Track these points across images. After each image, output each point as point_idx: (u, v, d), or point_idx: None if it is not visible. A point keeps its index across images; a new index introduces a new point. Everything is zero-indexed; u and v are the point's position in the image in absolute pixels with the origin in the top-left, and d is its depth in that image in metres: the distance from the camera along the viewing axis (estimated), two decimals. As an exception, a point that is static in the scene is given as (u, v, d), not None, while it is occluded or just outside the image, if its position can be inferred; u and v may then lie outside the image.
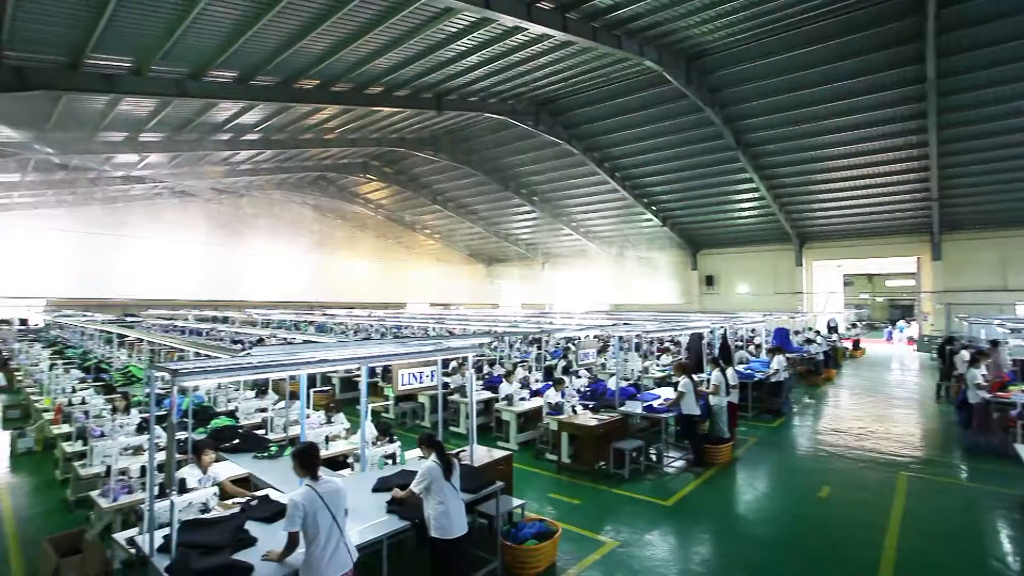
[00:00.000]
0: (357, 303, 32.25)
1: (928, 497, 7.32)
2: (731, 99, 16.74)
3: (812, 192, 21.14)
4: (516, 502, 5.91)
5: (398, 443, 6.54)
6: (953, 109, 15.08)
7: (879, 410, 12.69)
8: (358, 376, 8.90)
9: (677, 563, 5.54)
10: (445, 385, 11.04)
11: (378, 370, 13.38)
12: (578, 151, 20.57)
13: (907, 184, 19.16)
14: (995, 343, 11.09)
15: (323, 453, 6.96)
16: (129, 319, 19.69)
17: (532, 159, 23.39)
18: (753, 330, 17.61)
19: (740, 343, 16.22)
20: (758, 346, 16.18)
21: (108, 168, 20.37)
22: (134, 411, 7.76)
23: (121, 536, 4.40)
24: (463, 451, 6.10)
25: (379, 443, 6.47)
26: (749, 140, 18.45)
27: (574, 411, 8.75)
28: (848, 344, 22.75)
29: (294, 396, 7.54)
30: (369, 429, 6.42)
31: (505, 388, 10.17)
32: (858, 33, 13.40)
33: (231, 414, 8.40)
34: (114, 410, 7.78)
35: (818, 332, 21.49)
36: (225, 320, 21.98)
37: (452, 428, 10.65)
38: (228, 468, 5.97)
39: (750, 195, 22.03)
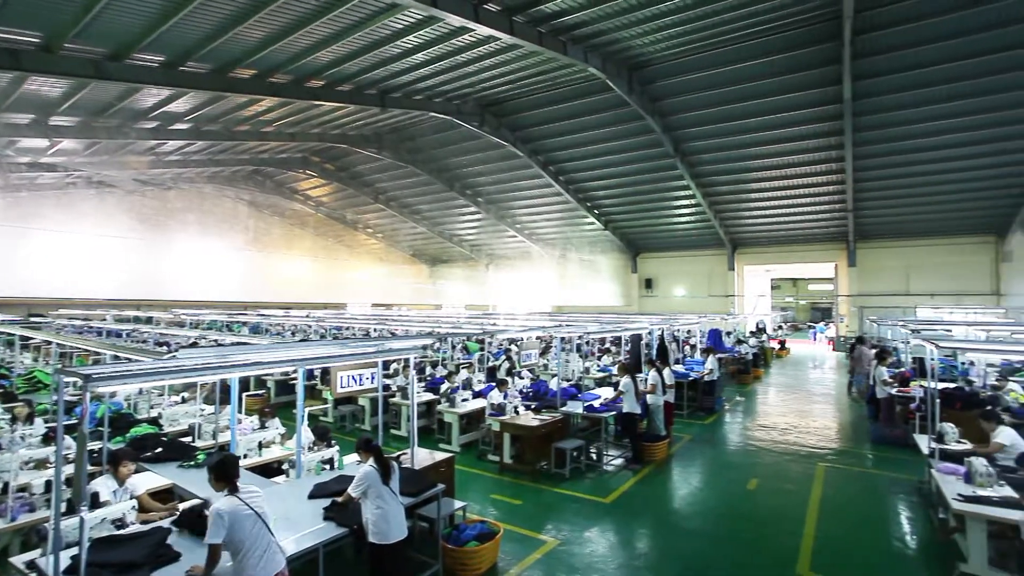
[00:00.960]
0: (295, 303, 31.04)
1: (842, 485, 7.89)
2: (670, 109, 17.40)
3: (744, 200, 22.33)
4: (458, 504, 5.87)
5: (336, 448, 6.35)
6: (866, 128, 16.37)
7: (801, 406, 13.57)
8: (295, 379, 8.58)
9: (616, 558, 5.68)
10: (386, 387, 10.85)
11: (316, 372, 12.97)
12: (523, 154, 20.74)
13: (827, 196, 20.61)
14: (884, 354, 11.88)
15: (256, 460, 6.67)
16: (35, 319, 18.03)
17: (477, 160, 23.37)
18: (689, 331, 18.36)
19: (677, 343, 16.87)
20: (693, 346, 16.89)
21: (11, 153, 18.57)
22: (39, 420, 7.11)
23: (19, 559, 3.99)
24: (403, 454, 6.00)
25: (316, 448, 6.26)
26: (687, 149, 19.25)
27: (516, 412, 8.81)
28: (775, 344, 24.17)
29: (225, 401, 7.16)
30: (306, 434, 6.20)
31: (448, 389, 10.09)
32: (785, 53, 14.28)
33: (154, 421, 7.87)
34: (14, 419, 7.09)
35: (752, 333, 22.69)
36: (149, 321, 20.56)
37: (393, 431, 10.46)
38: (150, 479, 5.59)
39: (687, 201, 22.98)
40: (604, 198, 24.61)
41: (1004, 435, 6.50)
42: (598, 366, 14.65)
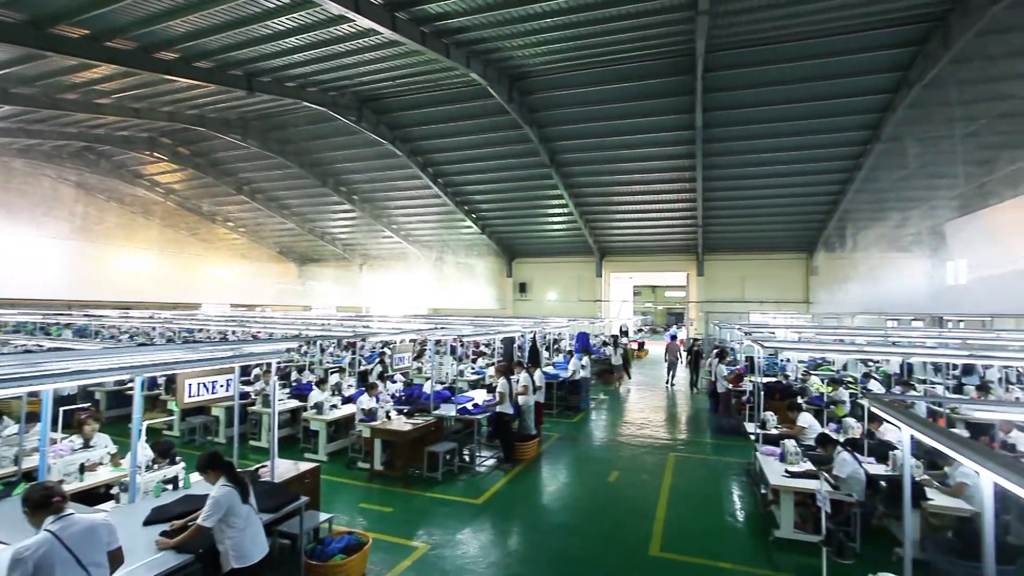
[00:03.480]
0: (135, 303, 27.23)
1: (688, 472, 8.82)
2: (547, 120, 18.19)
3: (611, 211, 24.04)
4: (323, 516, 5.57)
5: (181, 464, 5.68)
6: (713, 154, 18.53)
7: (656, 402, 14.93)
8: (132, 390, 7.55)
9: (486, 558, 5.78)
10: (245, 395, 9.99)
11: (161, 381, 11.53)
12: (402, 153, 20.32)
13: (681, 211, 22.96)
14: (724, 353, 13.70)
15: (78, 485, 5.75)
16: None
17: (353, 156, 22.41)
18: (559, 334, 19.30)
19: (548, 346, 17.64)
20: (563, 351, 17.79)
21: None
22: None
23: None
24: (263, 467, 5.56)
25: (157, 467, 5.55)
26: (561, 160, 20.25)
27: (388, 417, 8.60)
28: (635, 346, 26.33)
29: (34, 418, 6.06)
30: (143, 451, 5.46)
31: (315, 396, 9.54)
32: (649, 80, 15.65)
33: (-71, 446, 6.39)
34: None
35: (614, 337, 24.44)
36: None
37: (252, 442, 9.65)
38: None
39: (560, 210, 24.17)
40: (482, 203, 24.98)
41: (803, 419, 7.92)
42: (472, 368, 14.81)
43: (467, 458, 9.00)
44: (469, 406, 9.36)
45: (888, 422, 6.95)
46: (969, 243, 17.73)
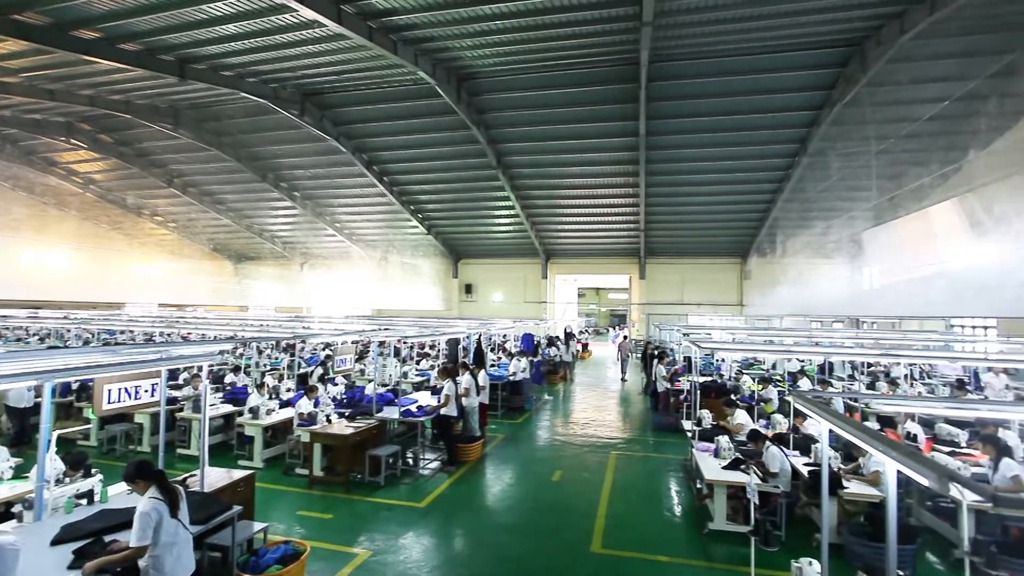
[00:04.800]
0: (47, 302, 25.08)
1: (629, 469, 9.07)
2: (494, 122, 18.24)
3: (557, 214, 24.40)
4: (258, 526, 5.34)
5: (98, 476, 5.28)
6: (655, 161, 19.19)
7: (599, 402, 15.26)
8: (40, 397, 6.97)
9: (429, 562, 5.72)
10: (173, 400, 9.43)
11: (75, 387, 10.68)
12: (346, 150, 19.79)
13: (625, 216, 23.62)
14: (663, 354, 14.27)
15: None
16: None
17: (295, 151, 21.58)
18: (504, 335, 19.38)
19: (492, 347, 17.68)
20: (509, 354, 17.87)
21: None
22: None
23: None
24: (191, 476, 5.26)
25: (68, 480, 5.13)
26: (508, 162, 20.36)
27: (328, 420, 8.35)
28: (579, 347, 26.82)
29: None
30: (52, 464, 5.04)
31: (254, 399, 9.13)
32: (596, 86, 15.99)
33: None
34: None
35: (568, 334, 24.76)
36: None
37: (181, 450, 9.11)
38: None
39: (507, 212, 24.28)
40: (428, 203, 24.72)
41: (739, 416, 8.30)
42: (416, 370, 14.63)
43: (411, 461, 8.88)
44: (413, 408, 9.23)
45: (810, 417, 7.43)
46: (881, 251, 19.24)
